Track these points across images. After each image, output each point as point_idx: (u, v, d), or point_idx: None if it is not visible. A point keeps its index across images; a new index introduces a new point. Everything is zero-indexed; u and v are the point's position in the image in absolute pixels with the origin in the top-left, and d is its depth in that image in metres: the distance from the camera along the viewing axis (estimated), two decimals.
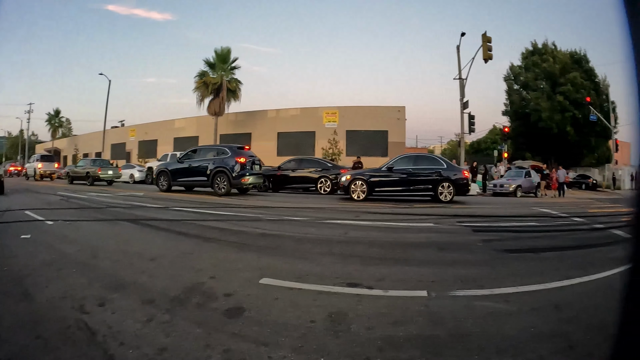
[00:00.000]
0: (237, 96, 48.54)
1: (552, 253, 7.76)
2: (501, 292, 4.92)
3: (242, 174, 21.17)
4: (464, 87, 35.45)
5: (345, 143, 45.81)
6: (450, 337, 3.64)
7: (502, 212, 15.53)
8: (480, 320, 4.05)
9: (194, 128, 56.35)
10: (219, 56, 47.57)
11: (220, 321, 3.98)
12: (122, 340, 3.51)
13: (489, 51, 32.14)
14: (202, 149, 23.97)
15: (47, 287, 5.12)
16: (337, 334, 3.67)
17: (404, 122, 46.30)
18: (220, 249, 7.54)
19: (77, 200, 17.21)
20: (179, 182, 23.10)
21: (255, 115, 52.52)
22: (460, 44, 36.17)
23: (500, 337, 3.69)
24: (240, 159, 21.26)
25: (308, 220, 11.58)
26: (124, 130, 70.52)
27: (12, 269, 6.04)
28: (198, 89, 47.31)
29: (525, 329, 3.83)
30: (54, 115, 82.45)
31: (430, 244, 8.11)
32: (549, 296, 4.89)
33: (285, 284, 5.14)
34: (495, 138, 78.73)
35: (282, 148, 47.59)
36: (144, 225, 10.48)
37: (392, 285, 5.18)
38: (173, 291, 4.87)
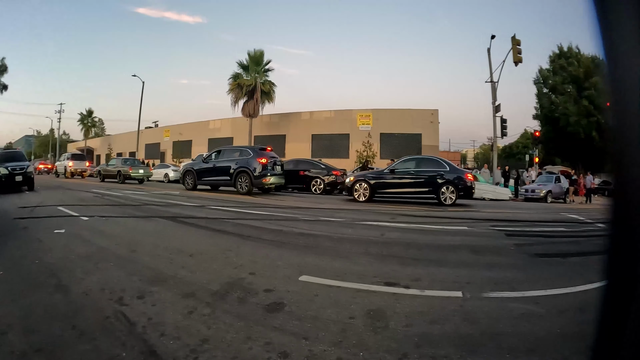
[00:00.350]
0: (271, 98, 48.88)
1: (578, 258, 7.82)
2: (532, 295, 5.00)
3: (264, 174, 21.89)
4: (496, 90, 35.15)
5: (380, 145, 45.74)
6: (484, 336, 3.74)
7: (534, 217, 15.46)
8: (512, 320, 4.14)
9: (228, 129, 56.73)
10: (252, 58, 47.89)
11: (261, 315, 4.06)
12: (163, 332, 3.59)
13: (518, 54, 31.91)
14: (226, 150, 24.73)
15: (83, 279, 5.22)
16: (376, 330, 3.76)
17: (437, 125, 46.15)
18: (259, 247, 7.62)
19: (112, 198, 17.40)
20: (204, 181, 24.07)
21: (290, 117, 52.77)
22: (490, 47, 35.89)
23: (530, 337, 3.77)
24: (262, 160, 22.03)
25: (344, 221, 11.64)
26: (158, 130, 71.31)
27: (46, 261, 6.15)
28: (232, 90, 47.72)
29: (552, 330, 3.91)
30: (86, 115, 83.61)
31: (464, 247, 8.11)
32: (575, 299, 4.95)
33: (324, 282, 5.22)
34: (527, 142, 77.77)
35: (316, 150, 47.70)
36: (182, 222, 10.61)
37: (428, 285, 5.26)
38: (214, 286, 4.98)
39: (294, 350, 3.30)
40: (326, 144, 48.62)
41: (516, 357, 3.36)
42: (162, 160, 60.42)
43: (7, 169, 21.52)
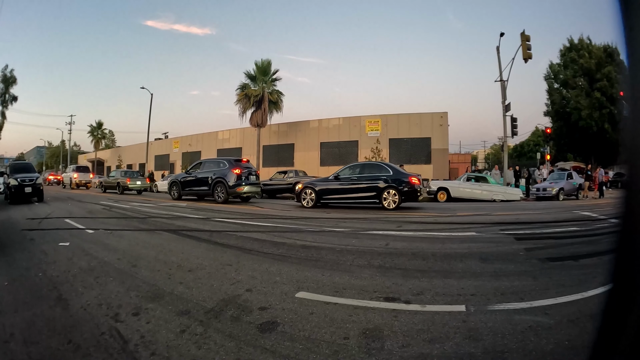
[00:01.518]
0: (279, 107, 48.88)
1: (591, 259, 7.56)
2: (541, 305, 4.79)
3: (238, 184, 24.03)
4: (506, 89, 34.95)
5: (389, 151, 45.73)
6: (487, 355, 3.53)
7: (545, 217, 15.12)
8: (519, 335, 3.92)
9: (237, 139, 57.02)
10: (259, 68, 47.95)
11: (253, 335, 3.97)
12: (154, 351, 3.57)
13: (528, 50, 31.72)
14: (205, 162, 27.09)
15: (83, 293, 5.26)
16: (370, 352, 3.59)
17: (447, 128, 46.02)
18: (260, 261, 7.48)
19: (119, 210, 17.57)
20: (187, 192, 26.31)
21: (298, 125, 52.84)
22: (499, 45, 35.72)
23: (537, 352, 3.55)
24: (236, 171, 24.16)
25: (349, 231, 11.50)
26: (167, 142, 71.78)
27: (49, 274, 6.25)
28: (240, 101, 47.79)
29: (561, 343, 3.72)
30: (96, 127, 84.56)
31: (472, 255, 7.92)
32: (585, 306, 4.71)
33: (322, 298, 5.10)
34: (538, 140, 77.49)
35: (325, 158, 47.78)
36: (185, 235, 10.55)
37: (430, 299, 5.09)
38: (209, 303, 4.92)
39: None
40: (335, 151, 48.76)
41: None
42: (172, 171, 60.84)
43: (17, 180, 22.04)
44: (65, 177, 51.64)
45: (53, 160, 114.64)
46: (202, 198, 25.55)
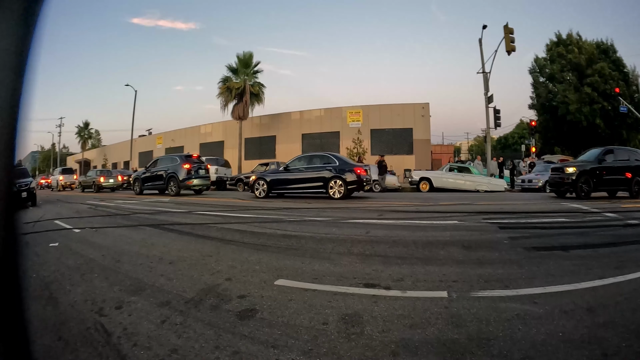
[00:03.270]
0: (261, 100, 48.70)
1: (584, 251, 7.35)
2: (528, 293, 4.71)
3: (188, 178, 25.88)
4: (488, 81, 35.33)
5: (370, 142, 45.84)
6: (471, 342, 3.46)
7: (531, 208, 15.07)
8: (505, 323, 3.84)
9: (220, 133, 56.84)
10: (241, 61, 47.74)
11: (232, 323, 3.95)
12: (136, 342, 3.58)
13: (511, 43, 31.96)
14: (161, 159, 29.13)
15: (70, 291, 5.24)
16: (350, 337, 3.56)
17: (429, 119, 46.22)
18: (240, 251, 7.48)
19: (104, 208, 17.55)
20: (147, 186, 28.09)
21: (280, 117, 52.70)
22: (482, 37, 35.98)
23: (527, 342, 3.44)
24: (186, 166, 26.02)
25: (330, 220, 11.51)
26: (151, 138, 71.46)
27: (42, 275, 6.19)
28: (222, 94, 47.60)
29: (554, 334, 3.59)
30: (83, 127, 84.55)
31: (454, 242, 7.87)
32: (581, 298, 4.57)
33: (301, 285, 5.09)
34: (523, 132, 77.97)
35: (307, 149, 47.60)
36: (167, 229, 10.52)
37: (411, 285, 5.05)
38: (189, 293, 4.90)
39: None
40: (317, 142, 48.68)
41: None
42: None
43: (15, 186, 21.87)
44: (53, 179, 53.22)
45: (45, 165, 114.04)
46: (162, 192, 26.92)
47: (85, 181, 42.29)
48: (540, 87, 60.80)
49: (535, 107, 62.29)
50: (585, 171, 19.70)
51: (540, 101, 60.64)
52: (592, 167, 19.85)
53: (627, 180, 20.14)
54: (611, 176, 20.07)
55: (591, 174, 19.68)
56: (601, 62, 54.12)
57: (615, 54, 57.25)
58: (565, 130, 55.37)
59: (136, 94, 70.25)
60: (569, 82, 56.16)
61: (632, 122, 52.28)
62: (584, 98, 52.74)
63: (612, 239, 8.92)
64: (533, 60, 62.94)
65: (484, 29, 35.51)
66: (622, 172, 20.15)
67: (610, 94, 50.43)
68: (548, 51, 60.62)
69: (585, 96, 52.66)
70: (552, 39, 60.69)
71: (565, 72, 57.01)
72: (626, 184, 20.22)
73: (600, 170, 19.87)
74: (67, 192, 43.50)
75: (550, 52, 60.02)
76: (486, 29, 35.57)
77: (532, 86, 62.67)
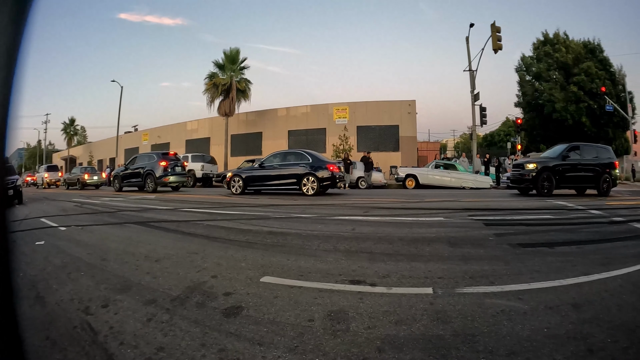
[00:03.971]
0: (247, 96, 48.65)
1: (569, 247, 7.38)
2: (513, 289, 4.74)
3: (165, 175, 26.87)
4: (474, 79, 35.66)
5: (356, 139, 45.99)
6: (456, 338, 3.47)
7: (516, 205, 15.15)
8: (490, 319, 3.87)
9: (206, 129, 56.69)
10: (227, 57, 47.64)
11: (218, 320, 3.95)
12: (122, 340, 3.55)
13: (498, 41, 32.17)
14: (139, 157, 30.07)
15: (57, 290, 5.20)
16: (335, 334, 3.57)
17: (415, 116, 46.43)
18: (226, 248, 7.45)
19: (90, 206, 17.44)
20: (126, 183, 29.16)
21: (266, 114, 52.64)
22: (469, 35, 36.23)
23: (512, 338, 3.46)
24: (162, 163, 27.02)
25: (316, 217, 11.53)
26: (137, 134, 71.14)
27: (29, 274, 6.14)
28: (208, 90, 47.49)
29: (539, 330, 3.61)
30: (69, 124, 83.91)
31: (440, 239, 7.89)
32: (566, 294, 4.60)
33: (286, 282, 5.09)
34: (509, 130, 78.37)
35: (293, 146, 47.68)
36: (153, 227, 10.47)
37: (397, 282, 5.06)
38: (175, 291, 4.88)
39: (247, 358, 3.17)
40: (303, 139, 48.75)
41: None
42: None
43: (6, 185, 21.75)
44: (38, 177, 53.77)
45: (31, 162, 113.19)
46: (141, 189, 27.74)
47: (70, 178, 42.59)
48: (526, 86, 61.23)
49: (522, 105, 62.71)
50: (547, 167, 19.79)
51: (526, 99, 61.06)
52: (555, 164, 19.95)
53: (594, 177, 20.21)
54: (575, 173, 20.16)
55: (553, 171, 19.76)
56: (588, 62, 54.67)
57: (602, 53, 57.84)
58: (551, 128, 55.79)
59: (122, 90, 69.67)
60: (555, 80, 56.68)
61: (618, 120, 52.85)
62: (570, 97, 53.22)
63: (598, 235, 8.97)
64: (520, 59, 63.58)
65: (471, 27, 35.85)
66: (588, 169, 20.24)
67: (596, 92, 50.94)
68: (535, 50, 61.17)
69: (571, 95, 53.16)
70: (539, 38, 61.38)
71: (551, 70, 57.56)
72: (594, 181, 20.30)
73: (563, 167, 19.96)
74: (52, 189, 43.45)
75: (537, 51, 60.59)
76: (473, 27, 35.86)
77: (519, 84, 63.15)
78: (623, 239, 8.49)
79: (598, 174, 20.29)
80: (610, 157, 21.19)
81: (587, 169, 20.29)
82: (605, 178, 20.32)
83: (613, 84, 54.60)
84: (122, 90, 67.36)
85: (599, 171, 20.32)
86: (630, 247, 7.51)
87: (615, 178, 21.04)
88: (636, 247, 7.50)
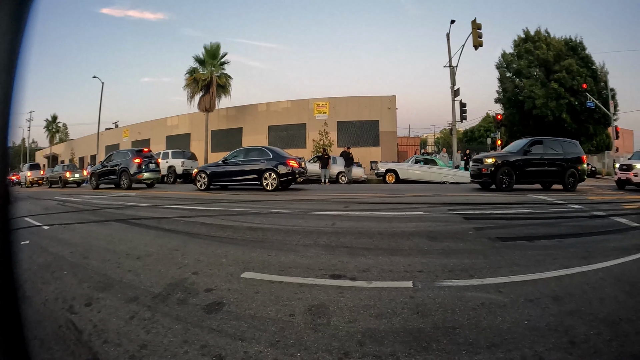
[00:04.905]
0: (228, 91, 48.28)
1: (549, 241, 7.44)
2: (493, 282, 4.79)
3: (139, 172, 26.82)
4: (455, 75, 35.83)
5: (337, 134, 45.95)
6: (437, 330, 3.52)
7: (496, 199, 15.12)
8: (470, 312, 3.92)
9: (186, 125, 56.17)
10: (208, 52, 47.26)
11: (199, 317, 3.97)
12: (106, 339, 3.57)
13: (479, 38, 32.27)
14: (115, 154, 29.61)
15: (42, 289, 5.20)
16: (316, 328, 3.61)
17: (395, 111, 46.50)
18: (207, 244, 7.45)
19: (72, 204, 17.29)
20: (102, 181, 28.78)
21: (246, 109, 52.31)
22: (450, 32, 36.40)
23: (492, 330, 3.51)
24: (136, 160, 26.96)
25: (296, 212, 11.57)
26: (117, 131, 70.31)
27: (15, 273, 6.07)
28: (188, 85, 46.97)
29: (520, 322, 3.66)
30: (51, 121, 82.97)
31: (419, 233, 7.94)
32: (546, 287, 4.65)
33: (267, 277, 5.12)
34: (489, 126, 78.64)
35: (274, 141, 47.49)
36: (134, 224, 10.45)
37: (377, 276, 5.10)
38: (156, 288, 4.89)
39: (229, 353, 3.20)
40: (283, 134, 48.66)
41: (475, 353, 3.13)
42: None
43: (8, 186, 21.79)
44: (22, 176, 53.26)
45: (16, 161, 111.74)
46: (117, 186, 27.45)
47: (52, 177, 42.20)
48: (506, 82, 61.41)
49: (502, 101, 62.93)
50: (507, 162, 19.65)
51: (506, 95, 61.26)
52: (516, 159, 19.85)
53: (559, 172, 20.14)
54: (538, 168, 20.06)
55: (513, 165, 19.60)
56: (569, 59, 54.95)
57: (584, 51, 58.13)
58: (531, 124, 56.02)
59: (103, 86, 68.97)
60: (536, 77, 56.98)
61: (600, 117, 53.24)
62: (550, 93, 53.50)
63: (578, 229, 9.07)
64: (500, 56, 63.71)
65: (452, 24, 35.90)
66: (552, 163, 20.15)
67: (577, 89, 51.26)
68: (516, 47, 61.38)
69: (551, 91, 53.43)
70: (520, 35, 61.56)
71: (532, 67, 57.76)
72: (559, 176, 20.23)
73: (524, 161, 19.83)
74: (35, 188, 43.44)
75: (517, 48, 60.79)
76: (454, 23, 35.96)
77: (499, 81, 63.29)
78: (604, 232, 8.58)
79: (563, 169, 20.22)
80: (578, 152, 21.15)
81: (551, 164, 20.20)
82: (572, 173, 20.27)
83: (595, 81, 54.96)
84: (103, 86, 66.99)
85: (564, 166, 20.24)
86: (612, 241, 7.56)
87: (583, 173, 20.96)
88: (617, 241, 7.56)
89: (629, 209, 12.42)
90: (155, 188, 27.03)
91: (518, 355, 3.10)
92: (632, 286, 4.77)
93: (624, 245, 7.03)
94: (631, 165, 22.44)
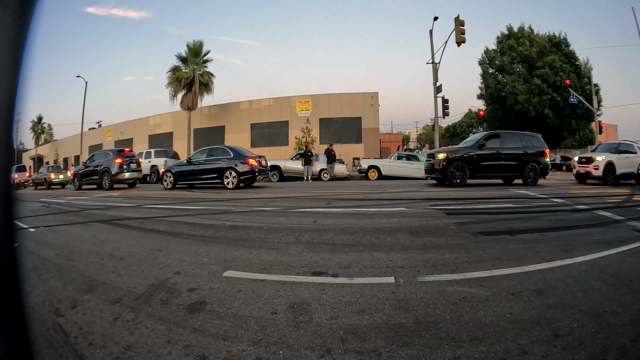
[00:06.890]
0: (210, 89, 47.95)
1: (531, 235, 7.50)
2: (475, 277, 4.83)
3: (120, 172, 26.90)
4: (437, 72, 35.95)
5: (319, 131, 46.08)
6: (419, 325, 3.55)
7: (478, 194, 15.24)
8: (452, 306, 3.95)
9: (169, 124, 55.90)
10: (191, 50, 46.96)
11: (182, 317, 3.97)
12: (91, 341, 3.58)
13: (462, 34, 32.31)
14: (97, 154, 29.81)
15: (30, 292, 5.13)
16: (299, 325, 3.63)
17: (377, 108, 46.79)
18: (189, 244, 7.45)
19: (56, 206, 17.19)
20: (85, 181, 28.82)
21: (229, 107, 52.20)
22: (433, 28, 36.51)
23: (474, 324, 3.54)
24: (118, 160, 27.04)
25: (278, 210, 11.58)
26: (101, 131, 69.80)
27: None
28: (171, 84, 46.61)
29: (502, 316, 3.69)
30: (37, 122, 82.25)
31: (401, 229, 7.98)
32: (528, 280, 4.70)
33: (249, 276, 5.14)
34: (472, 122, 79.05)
35: (256, 139, 47.64)
36: (117, 225, 10.39)
37: (358, 272, 5.14)
38: (140, 289, 4.88)
39: (212, 353, 3.21)
40: (265, 132, 48.83)
41: (457, 347, 3.15)
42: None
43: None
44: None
45: None
46: (99, 186, 27.34)
47: (38, 178, 42.21)
48: (489, 78, 61.83)
49: (484, 97, 63.38)
50: (460, 157, 19.52)
51: (489, 91, 61.67)
52: (469, 153, 19.69)
53: (518, 166, 19.98)
54: (494, 162, 19.86)
55: (466, 160, 19.49)
56: (552, 55, 55.39)
57: (568, 47, 58.71)
58: (513, 119, 56.49)
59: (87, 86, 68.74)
60: (519, 73, 57.47)
61: (583, 112, 53.76)
62: (533, 89, 54.03)
63: (560, 223, 9.12)
64: (483, 52, 64.32)
65: (435, 21, 35.97)
66: (509, 157, 19.95)
67: (560, 85, 51.76)
68: (499, 43, 61.93)
69: (534, 87, 53.98)
70: (503, 32, 62.14)
71: (515, 64, 58.26)
72: (518, 170, 20.05)
73: (479, 156, 19.66)
74: (21, 190, 43.20)
75: (500, 45, 61.32)
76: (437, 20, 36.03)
77: (482, 77, 63.86)
78: (586, 226, 8.61)
79: (522, 163, 20.04)
80: (539, 145, 21.04)
81: (509, 158, 20.00)
82: (532, 167, 20.09)
83: (578, 77, 55.47)
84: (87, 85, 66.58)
85: (523, 160, 20.08)
86: (594, 234, 7.59)
87: (545, 167, 21.10)
88: (600, 234, 7.59)
89: (612, 203, 12.49)
90: (137, 188, 27.16)
91: (501, 348, 3.12)
92: (616, 279, 4.80)
93: (607, 239, 7.06)
94: (591, 158, 22.50)
